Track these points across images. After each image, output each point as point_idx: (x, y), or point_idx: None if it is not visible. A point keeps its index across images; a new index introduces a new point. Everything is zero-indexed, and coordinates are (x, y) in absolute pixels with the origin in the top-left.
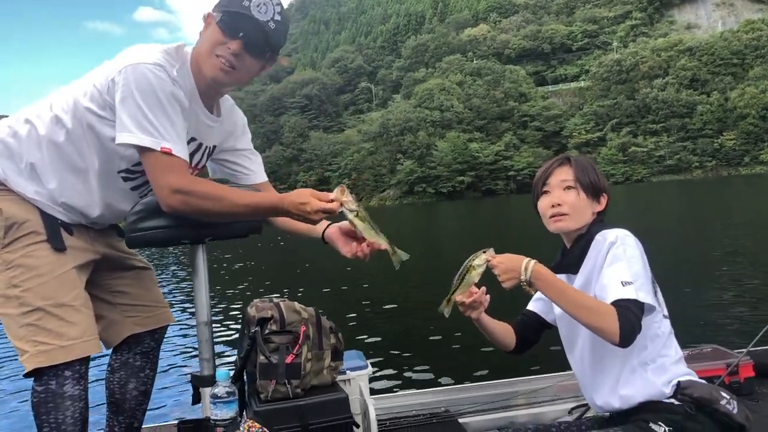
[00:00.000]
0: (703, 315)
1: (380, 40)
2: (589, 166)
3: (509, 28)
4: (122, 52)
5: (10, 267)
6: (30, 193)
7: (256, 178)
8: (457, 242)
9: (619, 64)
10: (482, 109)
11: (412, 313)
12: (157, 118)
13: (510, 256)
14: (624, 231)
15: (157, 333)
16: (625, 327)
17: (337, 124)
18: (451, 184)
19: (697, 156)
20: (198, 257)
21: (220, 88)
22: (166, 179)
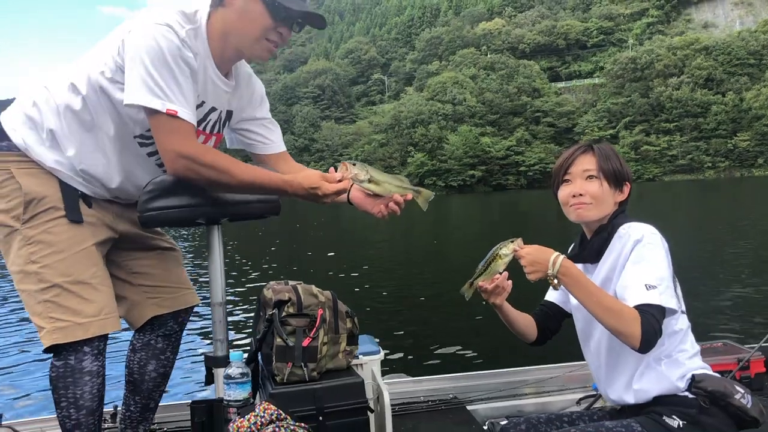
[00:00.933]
0: (714, 311)
1: (394, 32)
2: (612, 153)
3: (524, 22)
4: (135, 17)
5: (30, 243)
6: (50, 162)
7: (275, 147)
8: (468, 235)
9: (634, 61)
10: (495, 104)
11: (422, 300)
12: (164, 80)
13: (539, 248)
14: (650, 228)
15: (181, 316)
16: (648, 333)
17: (349, 115)
18: (462, 177)
19: (710, 156)
20: (213, 238)
21: (246, 59)
22: (172, 143)
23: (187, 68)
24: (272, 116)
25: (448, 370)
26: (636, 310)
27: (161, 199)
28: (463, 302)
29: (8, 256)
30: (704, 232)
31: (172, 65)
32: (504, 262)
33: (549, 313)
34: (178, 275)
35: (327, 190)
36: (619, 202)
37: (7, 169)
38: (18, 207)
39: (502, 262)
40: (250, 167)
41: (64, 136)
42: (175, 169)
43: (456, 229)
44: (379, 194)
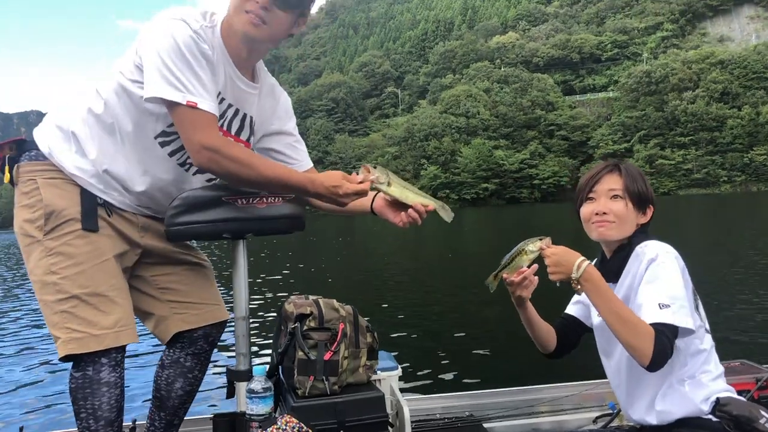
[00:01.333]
0: (731, 329)
1: (408, 46)
2: (638, 175)
3: (538, 36)
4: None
5: (51, 254)
6: (71, 168)
7: (302, 165)
8: (482, 248)
9: (649, 75)
10: (508, 117)
11: (436, 315)
12: (182, 72)
13: (566, 249)
14: (665, 246)
15: (212, 336)
16: (659, 352)
17: (362, 127)
18: (475, 190)
19: (725, 170)
20: (238, 252)
21: (254, 46)
22: (195, 135)
23: (204, 59)
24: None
25: (463, 386)
26: (651, 327)
27: (188, 214)
28: (479, 318)
29: (29, 265)
30: (720, 248)
31: (188, 57)
32: (529, 258)
33: (568, 326)
34: (208, 290)
35: (348, 189)
36: (641, 224)
37: (34, 179)
38: (41, 218)
39: (526, 258)
40: (272, 163)
41: (86, 139)
42: (198, 160)
43: (470, 242)
44: (399, 200)
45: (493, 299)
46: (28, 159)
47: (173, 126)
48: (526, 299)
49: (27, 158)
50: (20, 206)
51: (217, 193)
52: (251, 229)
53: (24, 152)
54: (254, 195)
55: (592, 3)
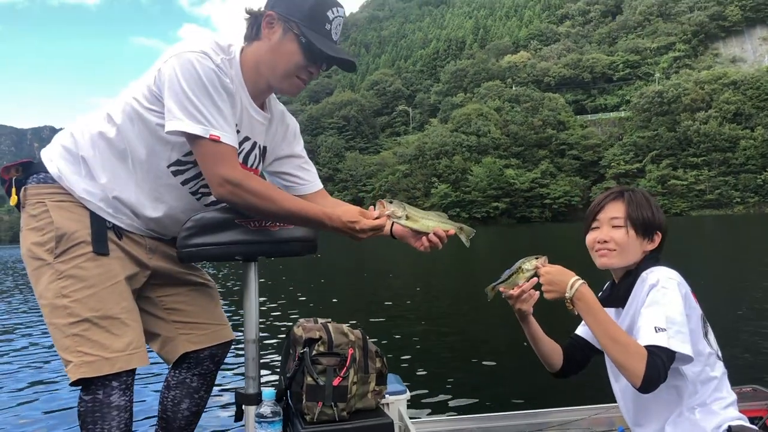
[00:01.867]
0: (742, 353)
1: (419, 65)
2: (644, 202)
3: (550, 56)
4: (169, 48)
5: (61, 277)
6: (80, 191)
7: (313, 186)
8: (494, 267)
9: (661, 95)
10: (519, 136)
11: (444, 336)
12: (205, 106)
13: (560, 269)
14: (669, 272)
15: (218, 356)
16: (651, 374)
17: (373, 145)
18: (486, 209)
19: (738, 191)
20: (250, 274)
21: (278, 92)
22: (218, 169)
23: (225, 93)
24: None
25: (471, 409)
26: (644, 348)
27: (200, 236)
28: (487, 340)
29: (38, 288)
30: (732, 269)
31: (210, 91)
32: (525, 277)
33: (577, 346)
34: (213, 311)
35: (364, 226)
36: (649, 250)
37: (42, 201)
38: (51, 241)
39: (523, 276)
40: (292, 197)
41: (97, 165)
42: (220, 194)
43: (482, 262)
44: (417, 230)
45: (502, 322)
46: (36, 181)
47: (188, 155)
48: (527, 313)
49: (35, 181)
50: (28, 229)
51: (230, 215)
52: (263, 251)
53: (31, 174)
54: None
55: (604, 23)
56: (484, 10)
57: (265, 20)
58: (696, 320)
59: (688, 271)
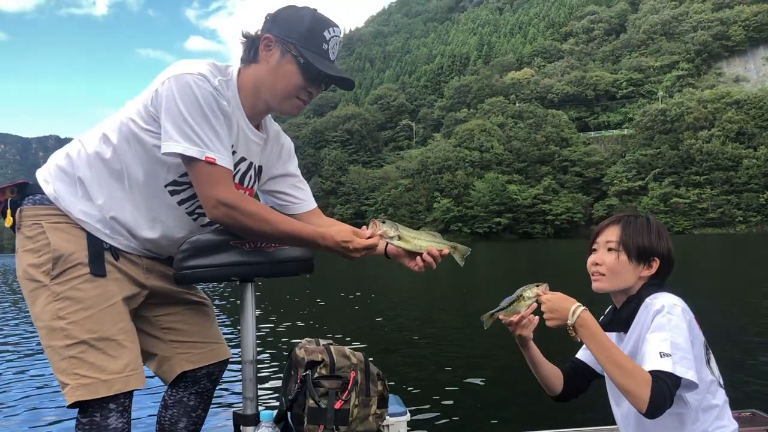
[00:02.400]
0: (741, 377)
1: (424, 80)
2: (643, 228)
3: (553, 72)
4: (166, 69)
5: (58, 299)
6: (77, 212)
7: (307, 205)
8: (495, 285)
9: (664, 113)
10: (522, 152)
11: (445, 356)
12: (201, 128)
13: (561, 296)
14: (673, 299)
15: (215, 375)
16: (656, 399)
17: (376, 159)
18: (488, 224)
19: (741, 210)
20: (246, 295)
21: (275, 113)
22: (213, 190)
23: (222, 115)
24: (300, 158)
25: (471, 429)
26: (649, 374)
27: (196, 258)
28: (489, 360)
29: (34, 310)
30: (733, 289)
31: (207, 113)
32: (526, 304)
33: (577, 370)
34: (209, 329)
35: (357, 245)
36: (648, 276)
37: (39, 223)
38: (48, 263)
39: (524, 304)
40: (286, 218)
41: (93, 185)
42: (215, 215)
43: (484, 279)
44: (410, 250)
45: (503, 344)
46: (32, 203)
47: (185, 176)
48: (528, 339)
49: (31, 202)
50: (24, 250)
51: (225, 237)
52: (259, 272)
53: (27, 196)
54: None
55: (608, 41)
56: (488, 27)
57: (262, 43)
58: (699, 347)
59: (685, 289)
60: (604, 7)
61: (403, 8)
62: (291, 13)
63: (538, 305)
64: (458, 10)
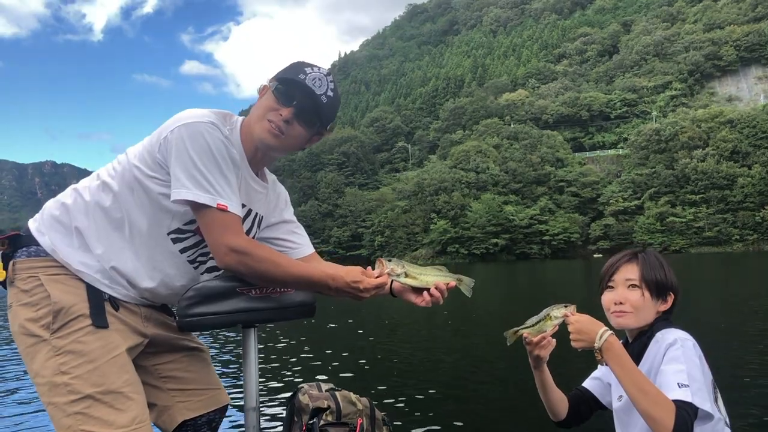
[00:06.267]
0: (734, 408)
1: (419, 102)
2: (656, 263)
3: (547, 94)
4: (172, 117)
5: (60, 353)
6: (75, 264)
7: (305, 250)
8: (494, 307)
9: (658, 133)
10: (518, 173)
11: (442, 388)
12: (213, 175)
13: (589, 319)
14: (684, 334)
15: (215, 422)
16: (680, 427)
17: (372, 181)
18: (485, 246)
19: (737, 229)
20: (249, 341)
21: (267, 152)
22: (224, 238)
23: (232, 164)
24: (297, 181)
25: None
26: (673, 402)
27: (202, 306)
28: (490, 396)
29: (33, 366)
30: (729, 311)
31: (218, 160)
32: (553, 324)
33: (583, 399)
34: (207, 375)
35: (368, 285)
36: (662, 311)
37: (35, 276)
38: (47, 316)
39: (550, 324)
40: (296, 262)
41: (91, 235)
42: (226, 262)
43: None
44: (417, 286)
45: (506, 376)
46: (26, 255)
47: (189, 224)
48: (543, 360)
49: (25, 254)
50: (20, 305)
51: (232, 283)
52: (264, 318)
53: (20, 248)
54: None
55: (601, 62)
56: (482, 50)
57: (261, 93)
58: (708, 385)
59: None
60: (597, 28)
61: (397, 32)
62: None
63: (561, 327)
64: (452, 33)
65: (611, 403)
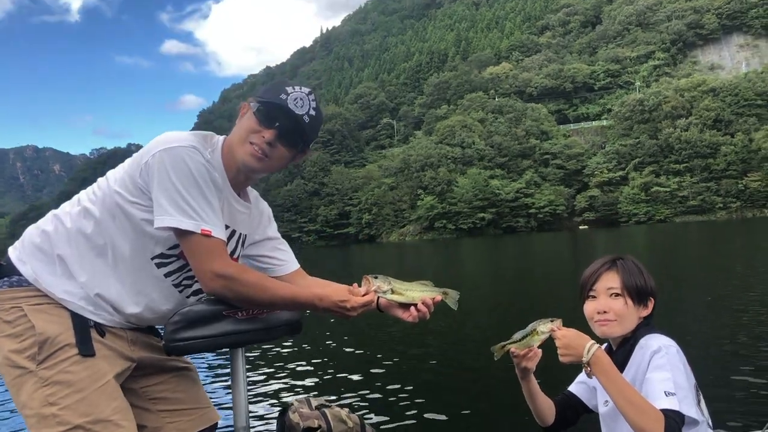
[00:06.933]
0: (712, 390)
1: (403, 77)
2: (636, 270)
3: (531, 66)
4: (153, 139)
5: (47, 384)
6: (60, 293)
7: (289, 267)
8: (483, 284)
9: (642, 103)
10: (503, 147)
11: (429, 389)
12: (196, 201)
13: (576, 333)
14: (668, 340)
15: None
16: None
17: (358, 159)
18: (472, 220)
19: (720, 197)
20: (237, 362)
21: (250, 175)
22: (209, 264)
23: (215, 188)
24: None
25: None
26: (661, 411)
27: (188, 330)
28: (475, 396)
29: (20, 398)
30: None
31: (201, 185)
32: (540, 339)
33: (569, 404)
34: (196, 394)
35: (355, 304)
36: (644, 316)
37: (19, 306)
38: (32, 347)
39: (537, 338)
40: (282, 284)
41: (74, 262)
42: (212, 288)
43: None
44: (404, 302)
45: (492, 384)
46: (8, 285)
47: (173, 248)
48: (530, 371)
49: (7, 284)
50: (3, 336)
51: (218, 307)
52: (252, 339)
53: (1, 278)
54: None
55: (584, 33)
56: (465, 23)
57: (241, 111)
58: (692, 390)
59: (667, 282)
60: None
61: (379, 6)
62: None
63: (548, 341)
64: (434, 6)
65: (597, 407)
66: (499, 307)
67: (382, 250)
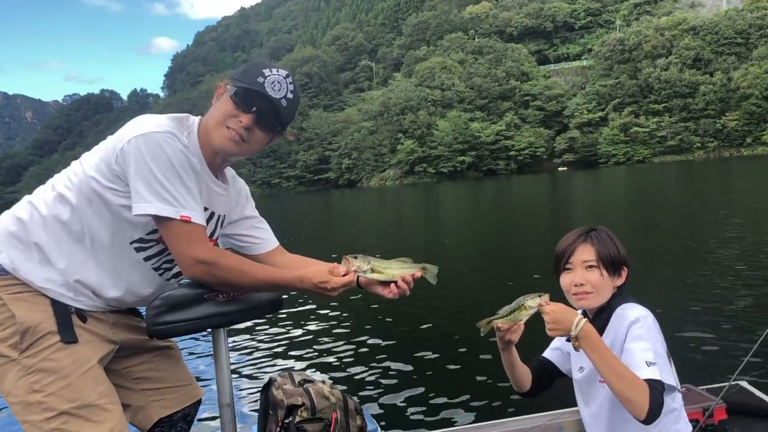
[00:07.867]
0: (679, 345)
1: (381, 18)
2: (609, 240)
3: (511, 5)
4: (127, 123)
5: (31, 372)
6: (38, 281)
7: (268, 245)
8: (464, 230)
9: (622, 43)
10: (483, 89)
11: (407, 359)
12: (174, 186)
13: (564, 308)
14: (644, 310)
15: (190, 415)
16: (654, 406)
17: (337, 102)
18: (452, 164)
19: (699, 137)
20: (220, 341)
21: (227, 158)
22: (189, 249)
23: (193, 172)
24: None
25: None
26: (645, 382)
27: (170, 314)
28: (447, 352)
29: (4, 386)
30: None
31: (179, 171)
32: (528, 314)
33: (544, 370)
34: (180, 372)
35: (335, 284)
36: (618, 285)
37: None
38: (14, 336)
39: (525, 313)
40: (262, 266)
41: (52, 249)
42: (193, 273)
43: (451, 222)
44: (384, 281)
45: (473, 351)
46: None
47: (152, 233)
48: (512, 344)
49: None
50: None
51: (199, 290)
52: (233, 320)
53: None
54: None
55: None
56: None
57: (216, 91)
58: (666, 356)
59: (637, 225)
60: None
61: None
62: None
63: (535, 316)
64: None
65: (571, 372)
66: (480, 270)
67: (362, 195)
